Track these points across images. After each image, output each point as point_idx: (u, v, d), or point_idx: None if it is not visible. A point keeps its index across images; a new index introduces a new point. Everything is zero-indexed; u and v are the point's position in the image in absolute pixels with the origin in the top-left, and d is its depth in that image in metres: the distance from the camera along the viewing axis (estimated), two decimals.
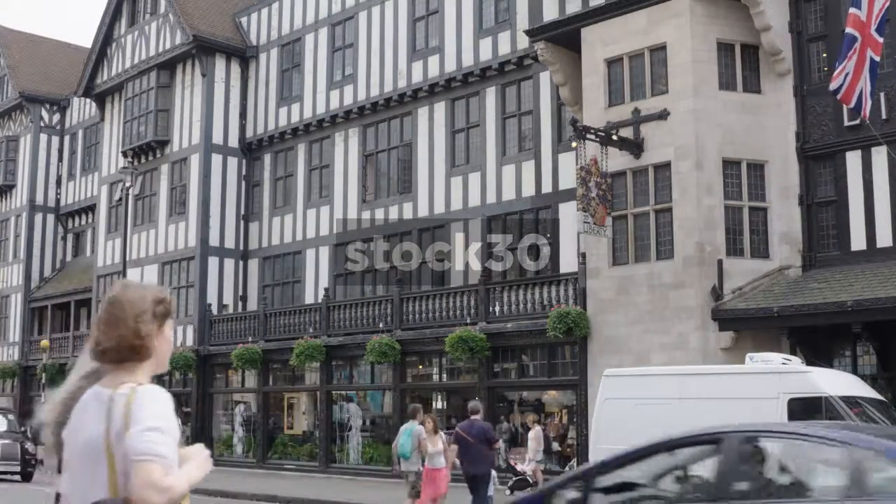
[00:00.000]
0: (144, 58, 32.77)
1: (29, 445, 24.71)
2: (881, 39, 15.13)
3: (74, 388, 2.94)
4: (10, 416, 27.31)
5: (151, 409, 2.74)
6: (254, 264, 30.73)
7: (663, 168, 18.64)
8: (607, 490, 6.07)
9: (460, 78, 24.91)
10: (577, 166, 18.74)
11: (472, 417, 14.08)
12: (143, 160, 32.67)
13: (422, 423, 14.61)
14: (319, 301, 26.86)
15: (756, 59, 18.87)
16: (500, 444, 16.17)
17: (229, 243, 30.72)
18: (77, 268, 38.58)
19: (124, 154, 32.83)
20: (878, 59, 15.06)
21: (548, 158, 22.77)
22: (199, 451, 2.98)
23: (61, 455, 2.93)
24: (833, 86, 14.89)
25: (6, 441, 24.58)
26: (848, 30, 14.90)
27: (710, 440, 5.81)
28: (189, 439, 27.07)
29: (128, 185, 29.09)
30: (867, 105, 15.05)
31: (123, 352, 2.85)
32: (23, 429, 26.47)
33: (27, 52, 41.08)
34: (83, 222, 39.30)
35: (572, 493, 6.24)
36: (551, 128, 22.78)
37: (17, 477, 24.34)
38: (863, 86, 14.76)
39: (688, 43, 18.57)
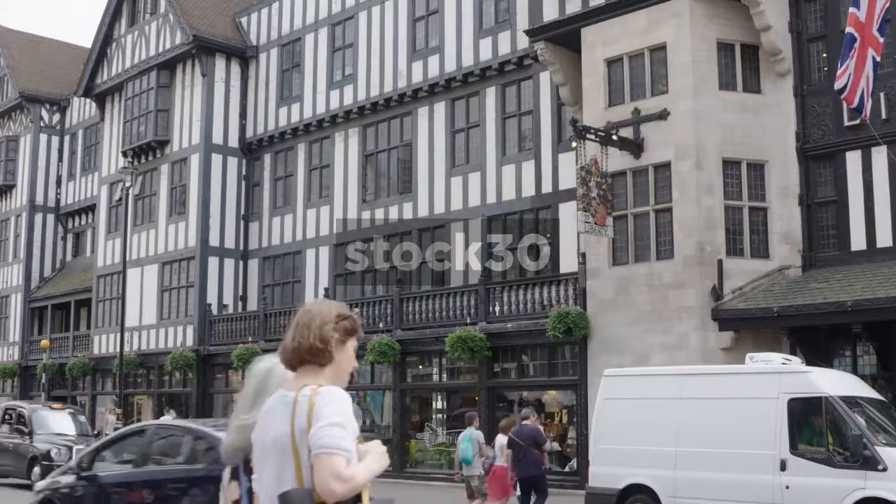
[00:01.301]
0: (144, 58, 32.77)
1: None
2: (882, 39, 15.12)
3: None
4: (82, 418, 24.08)
5: (333, 407, 2.92)
6: (254, 264, 30.72)
7: (663, 168, 18.64)
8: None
9: (460, 78, 24.90)
10: (577, 166, 18.74)
11: (523, 422, 14.67)
12: (143, 160, 32.67)
13: (479, 429, 15.44)
14: None
15: (756, 59, 18.87)
16: (549, 447, 16.66)
17: (229, 243, 30.72)
18: (77, 268, 38.57)
19: (124, 154, 32.81)
20: (879, 59, 15.05)
21: (548, 158, 22.76)
22: (378, 447, 3.16)
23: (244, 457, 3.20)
24: (837, 85, 14.87)
25: (81, 446, 20.66)
26: (848, 29, 14.89)
27: (140, 430, 10.09)
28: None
29: (128, 185, 29.08)
30: (868, 105, 15.05)
31: (305, 353, 3.06)
32: (96, 432, 24.63)
33: (27, 52, 41.06)
34: (83, 222, 39.29)
35: (68, 479, 9.63)
36: (551, 128, 22.77)
37: None
38: (864, 86, 14.76)
39: (688, 43, 18.57)
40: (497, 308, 21.89)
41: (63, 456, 20.11)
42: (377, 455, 3.11)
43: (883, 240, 17.05)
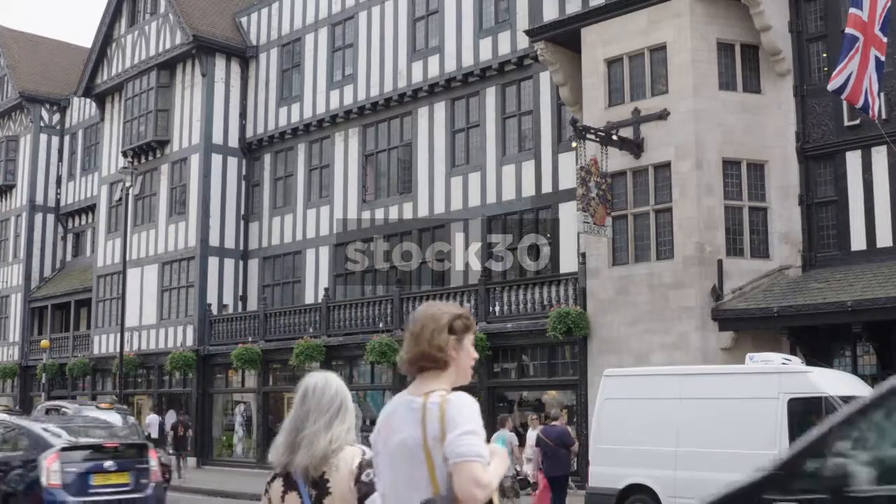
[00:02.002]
0: (144, 58, 32.77)
1: (161, 454, 19.72)
2: (885, 39, 15.11)
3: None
4: (131, 419, 22.39)
5: (464, 415, 3.03)
6: (254, 264, 30.72)
7: (663, 168, 18.64)
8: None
9: (460, 78, 24.90)
10: (577, 166, 18.75)
11: (553, 423, 15.06)
12: (143, 160, 32.68)
13: (511, 430, 15.82)
14: (319, 301, 26.86)
15: (756, 59, 18.87)
16: (577, 448, 16.84)
17: (229, 243, 30.72)
18: (77, 268, 38.57)
19: (124, 154, 32.84)
20: (883, 58, 15.05)
21: (548, 158, 22.76)
22: (497, 449, 3.23)
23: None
24: (832, 86, 14.88)
25: None
26: (848, 30, 14.89)
27: None
28: (188, 440, 27.06)
29: (128, 185, 29.08)
30: (875, 104, 15.04)
31: (423, 362, 3.17)
32: (147, 434, 23.38)
33: (27, 52, 41.06)
34: (83, 222, 39.29)
35: None
36: (551, 128, 22.77)
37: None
38: (868, 85, 14.75)
39: (688, 43, 18.57)
40: (497, 308, 21.89)
41: None
42: (500, 457, 3.20)
43: (883, 240, 17.05)
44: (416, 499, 3.01)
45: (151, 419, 26.90)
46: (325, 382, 3.47)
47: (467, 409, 3.05)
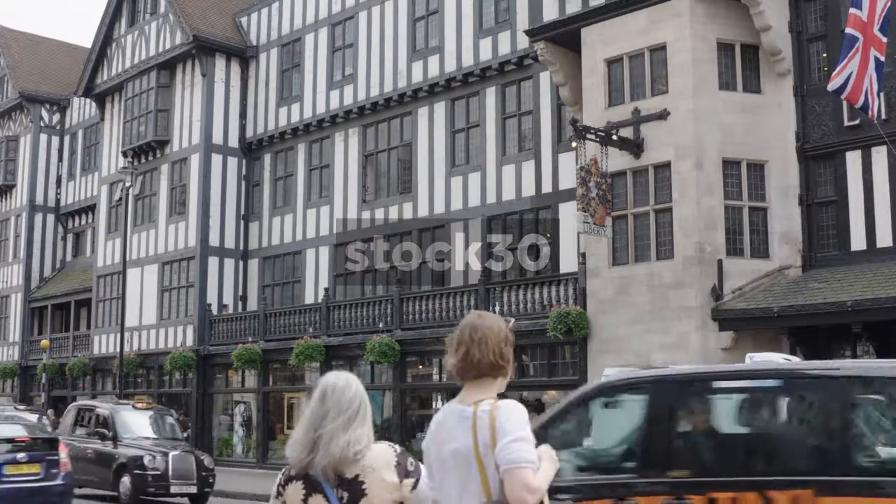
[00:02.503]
0: (144, 58, 32.78)
1: (206, 458, 19.17)
2: (885, 39, 15.12)
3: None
4: (171, 419, 21.04)
5: (513, 422, 3.12)
6: (254, 264, 30.73)
7: (663, 168, 18.64)
8: None
9: (460, 78, 24.91)
10: (577, 166, 18.75)
11: None
12: (143, 160, 32.69)
13: None
14: (319, 301, 26.86)
15: (756, 59, 18.87)
16: None
17: (229, 243, 30.73)
18: (77, 268, 38.58)
19: (124, 154, 32.85)
20: (883, 58, 15.05)
21: (548, 158, 22.77)
22: (548, 451, 3.31)
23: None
24: (832, 86, 14.88)
25: (177, 453, 18.36)
26: (848, 30, 14.89)
27: None
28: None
29: (128, 185, 29.09)
30: (874, 104, 15.04)
31: (484, 370, 3.23)
32: (185, 435, 22.71)
33: (27, 52, 41.07)
34: (83, 222, 39.30)
35: None
36: (551, 128, 22.78)
37: (186, 500, 18.57)
38: (868, 85, 14.75)
39: (688, 43, 18.58)
40: (497, 308, 21.87)
41: (159, 463, 17.70)
42: (550, 460, 3.27)
43: (883, 240, 17.06)
44: (467, 502, 3.10)
45: None
46: (345, 382, 3.38)
47: (516, 416, 3.14)
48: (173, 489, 17.93)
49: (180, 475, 17.90)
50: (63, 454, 14.11)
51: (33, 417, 24.38)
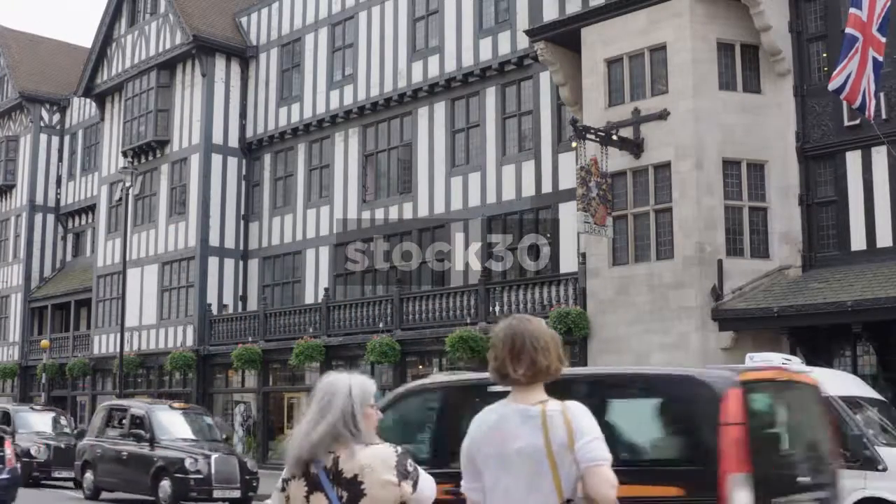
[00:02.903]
0: (144, 58, 32.78)
1: (248, 460, 18.47)
2: (884, 39, 15.12)
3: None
4: (210, 420, 20.26)
5: (588, 422, 3.23)
6: (254, 264, 30.73)
7: (663, 168, 18.64)
8: None
9: (460, 78, 24.90)
10: (577, 166, 18.75)
11: None
12: (143, 160, 32.68)
13: None
14: (319, 301, 26.86)
15: (756, 59, 18.87)
16: None
17: (229, 243, 30.72)
18: (77, 268, 38.58)
19: (124, 154, 32.85)
20: (881, 58, 15.06)
21: (548, 158, 22.77)
22: None
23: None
24: (832, 86, 14.89)
25: (218, 455, 17.51)
26: (848, 30, 14.89)
27: None
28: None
29: (128, 185, 29.09)
30: (871, 104, 15.04)
31: (541, 375, 3.31)
32: (225, 437, 21.96)
33: (27, 52, 41.06)
34: (83, 222, 39.30)
35: None
36: (551, 128, 22.78)
37: None
38: (866, 85, 14.76)
39: (688, 43, 18.57)
40: (497, 308, 21.88)
41: (201, 466, 16.86)
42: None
43: (883, 240, 17.05)
44: (537, 502, 3.18)
45: None
46: (325, 380, 3.51)
47: (588, 417, 3.25)
48: (216, 494, 17.07)
49: (223, 479, 17.09)
50: (8, 451, 14.93)
51: (49, 417, 24.32)
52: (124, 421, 18.84)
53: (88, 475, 18.80)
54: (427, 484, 3.37)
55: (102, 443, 18.63)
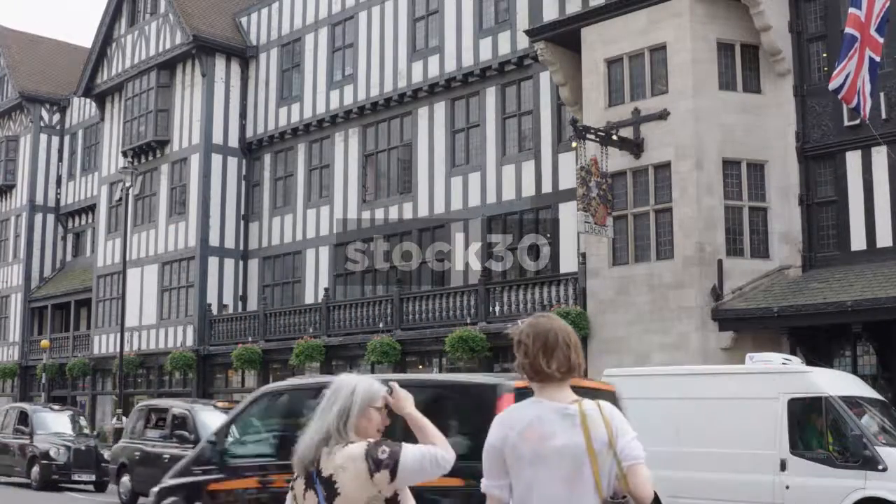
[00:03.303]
0: (144, 58, 32.78)
1: None
2: (881, 39, 15.12)
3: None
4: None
5: (625, 422, 3.31)
6: (254, 264, 30.73)
7: (663, 168, 18.64)
8: None
9: (460, 78, 24.90)
10: (577, 166, 18.74)
11: None
12: (143, 160, 32.68)
13: None
14: (319, 301, 26.86)
15: (756, 59, 18.86)
16: None
17: (229, 243, 30.72)
18: (77, 268, 38.58)
19: (124, 154, 32.84)
20: (878, 59, 15.06)
21: (548, 158, 22.76)
22: None
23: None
24: (832, 85, 14.90)
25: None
26: (847, 30, 14.90)
27: None
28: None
29: (128, 185, 29.09)
30: (867, 105, 15.05)
31: (573, 371, 3.34)
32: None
33: (27, 52, 41.05)
34: (83, 222, 39.29)
35: None
36: (551, 128, 22.78)
37: None
38: (861, 85, 14.77)
39: (688, 43, 18.57)
40: (497, 308, 21.89)
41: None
42: None
43: (883, 240, 17.05)
44: (576, 499, 3.21)
45: None
46: (334, 382, 3.62)
47: (623, 417, 3.33)
48: None
49: None
50: None
51: (68, 417, 23.63)
52: (166, 422, 17.90)
53: (125, 479, 17.83)
54: (413, 459, 3.37)
55: (141, 445, 17.79)
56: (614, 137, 18.81)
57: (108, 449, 20.43)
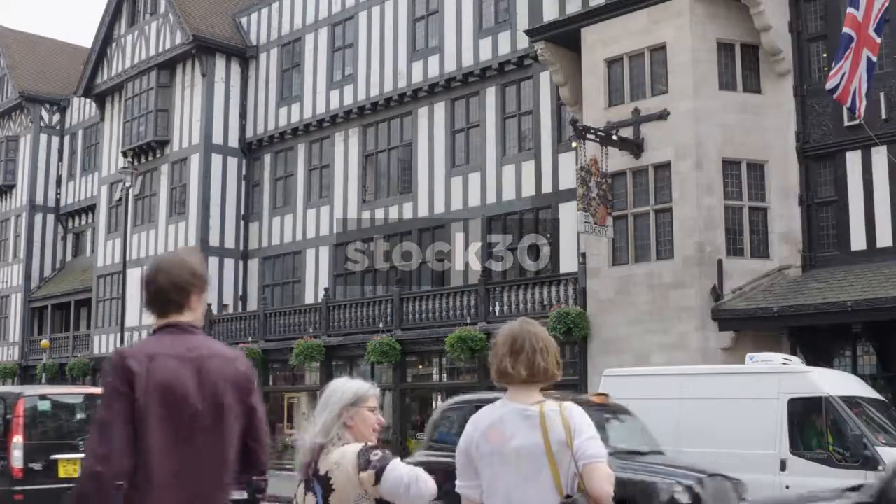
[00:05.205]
0: (144, 58, 32.78)
1: None
2: (879, 39, 15.13)
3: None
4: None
5: (585, 422, 3.32)
6: (254, 264, 30.73)
7: (663, 168, 18.64)
8: None
9: (460, 78, 24.90)
10: (577, 166, 18.75)
11: None
12: (143, 160, 32.68)
13: None
14: (319, 301, 26.86)
15: (756, 59, 18.86)
16: None
17: (229, 243, 30.72)
18: (77, 268, 38.57)
19: (124, 154, 32.83)
20: (874, 59, 15.06)
21: (548, 158, 22.77)
22: None
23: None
24: (829, 85, 14.93)
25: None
26: (845, 30, 14.91)
27: None
28: None
29: (128, 185, 29.09)
30: (862, 105, 15.06)
31: (539, 375, 3.38)
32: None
33: (27, 52, 41.05)
34: (83, 222, 39.29)
35: None
36: (551, 128, 22.78)
37: None
38: (857, 85, 14.78)
39: (688, 43, 18.57)
40: (497, 308, 21.89)
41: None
42: None
43: (883, 240, 17.05)
44: (537, 498, 3.26)
45: None
46: (328, 386, 3.77)
47: (585, 417, 3.34)
48: None
49: None
50: None
51: None
52: None
53: None
54: (399, 473, 3.41)
55: None
56: (614, 137, 18.81)
57: None
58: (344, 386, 3.68)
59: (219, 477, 3.20)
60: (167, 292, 3.57)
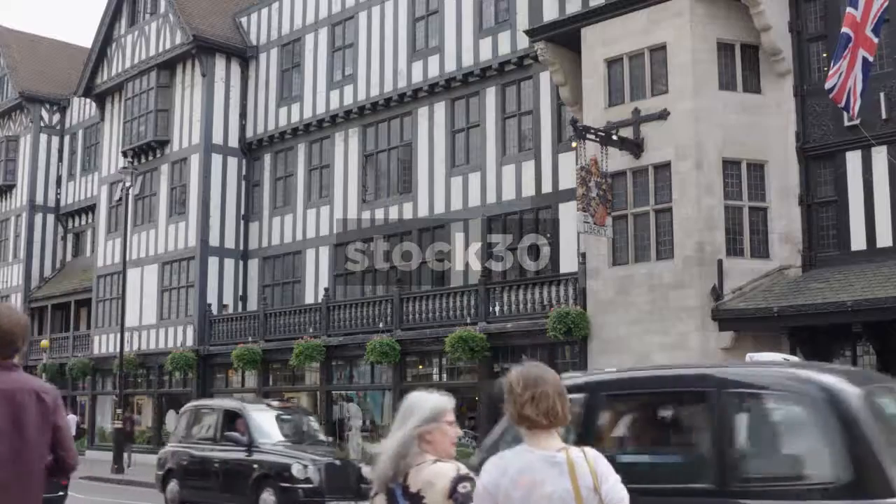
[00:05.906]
0: (144, 58, 32.78)
1: (362, 466, 15.16)
2: (876, 39, 15.13)
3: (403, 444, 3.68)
4: (313, 422, 18.24)
5: (608, 466, 3.50)
6: (254, 264, 30.73)
7: (663, 168, 18.64)
8: None
9: (460, 78, 24.90)
10: (577, 166, 18.75)
11: None
12: (143, 160, 32.68)
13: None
14: (319, 301, 26.86)
15: (756, 59, 18.87)
16: None
17: (229, 243, 30.73)
18: (77, 268, 38.58)
19: (124, 154, 32.84)
20: (871, 58, 15.06)
21: (548, 158, 22.77)
22: None
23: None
24: (828, 85, 14.93)
25: (330, 461, 15.81)
26: (844, 29, 14.91)
27: None
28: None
29: (128, 185, 29.09)
30: (856, 104, 15.06)
31: (559, 420, 3.52)
32: (331, 439, 19.61)
33: (27, 52, 41.07)
34: (83, 222, 39.31)
35: None
36: (551, 128, 22.78)
37: None
38: (852, 85, 14.78)
39: (688, 43, 18.57)
40: (497, 308, 21.89)
41: (311, 473, 14.97)
42: None
43: (883, 240, 17.05)
44: None
45: (69, 418, 26.77)
46: (407, 399, 3.86)
47: (606, 462, 3.52)
48: None
49: (336, 488, 15.10)
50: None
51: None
52: (218, 423, 16.64)
53: (172, 486, 16.63)
54: None
55: (188, 448, 16.67)
56: (614, 137, 18.81)
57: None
58: (422, 401, 3.75)
59: (23, 474, 4.31)
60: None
